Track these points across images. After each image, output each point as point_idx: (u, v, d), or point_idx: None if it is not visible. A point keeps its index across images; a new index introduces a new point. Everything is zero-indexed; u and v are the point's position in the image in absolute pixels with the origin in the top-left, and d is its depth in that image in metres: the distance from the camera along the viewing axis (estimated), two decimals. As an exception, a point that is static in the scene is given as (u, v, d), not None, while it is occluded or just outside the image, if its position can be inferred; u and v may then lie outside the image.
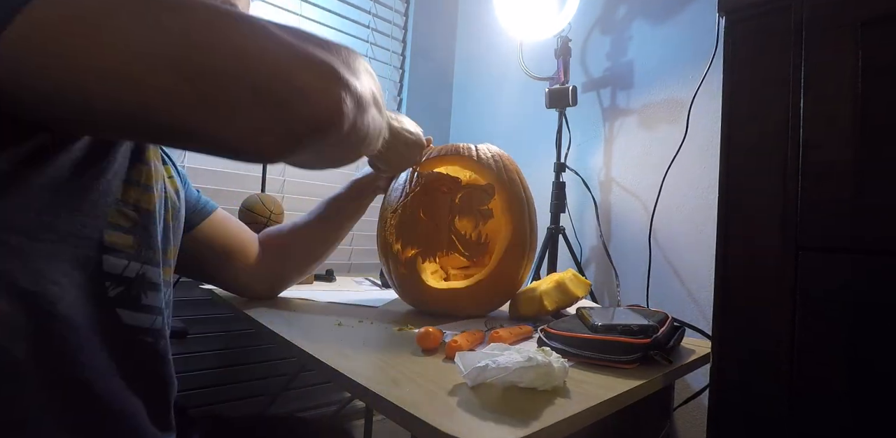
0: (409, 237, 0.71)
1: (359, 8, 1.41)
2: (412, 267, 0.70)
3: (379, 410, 0.38)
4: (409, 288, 0.72)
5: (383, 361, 0.48)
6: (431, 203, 0.71)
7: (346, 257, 1.37)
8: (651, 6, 1.11)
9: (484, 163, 0.71)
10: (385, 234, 0.73)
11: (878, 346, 0.37)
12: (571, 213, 1.20)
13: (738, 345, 0.45)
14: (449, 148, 0.74)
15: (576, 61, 1.23)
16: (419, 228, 0.71)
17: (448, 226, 0.71)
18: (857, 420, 0.38)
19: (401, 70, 1.55)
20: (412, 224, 0.71)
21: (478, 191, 0.71)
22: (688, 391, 0.85)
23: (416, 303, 0.75)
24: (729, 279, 0.46)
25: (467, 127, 1.62)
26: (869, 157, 0.38)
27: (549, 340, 0.53)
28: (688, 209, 1.00)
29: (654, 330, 0.50)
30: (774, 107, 0.43)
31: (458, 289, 0.69)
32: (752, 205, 0.45)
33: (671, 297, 1.01)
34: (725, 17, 0.47)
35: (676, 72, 1.05)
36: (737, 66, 0.47)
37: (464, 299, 0.70)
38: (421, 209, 0.71)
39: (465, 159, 0.72)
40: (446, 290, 0.69)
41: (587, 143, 1.22)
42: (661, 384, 0.48)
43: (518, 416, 0.35)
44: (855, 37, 0.39)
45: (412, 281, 0.70)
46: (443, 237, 0.71)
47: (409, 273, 0.70)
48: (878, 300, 0.37)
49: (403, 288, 0.74)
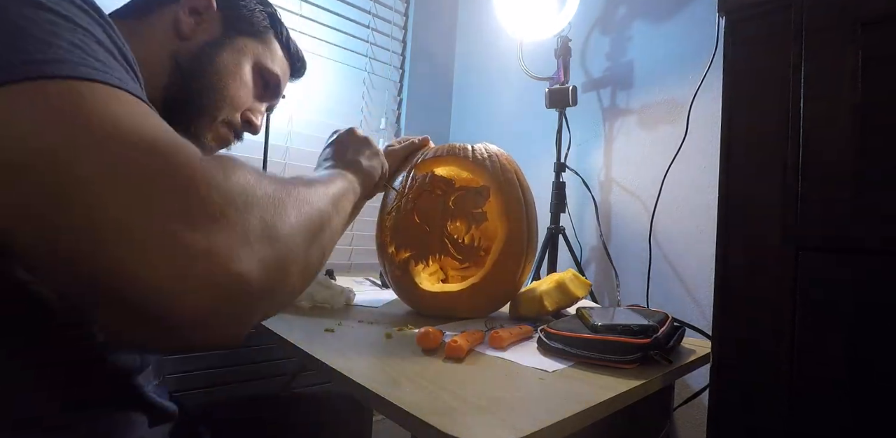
0: (402, 239, 0.71)
1: (359, 8, 1.41)
2: (405, 269, 0.70)
3: (379, 410, 0.38)
4: (404, 290, 0.72)
5: (383, 361, 0.48)
6: (425, 205, 0.70)
7: (346, 257, 1.36)
8: (651, 6, 1.11)
9: (479, 164, 0.70)
10: (381, 236, 0.73)
11: (878, 346, 0.37)
12: (571, 213, 1.20)
13: (738, 345, 0.45)
14: (445, 148, 0.73)
15: (576, 61, 1.23)
16: (412, 231, 0.70)
17: (440, 230, 0.70)
18: (857, 420, 0.38)
19: (401, 70, 1.55)
20: (406, 226, 0.70)
21: (472, 193, 0.69)
22: (688, 391, 0.85)
23: (412, 305, 0.75)
24: (729, 279, 0.46)
25: (467, 127, 1.62)
26: (869, 157, 0.38)
27: (549, 340, 0.53)
28: (688, 209, 1.00)
29: (654, 330, 0.50)
30: (774, 107, 0.43)
31: (451, 292, 0.68)
32: (752, 205, 0.45)
33: (671, 297, 1.01)
34: (725, 17, 0.47)
35: (676, 72, 1.04)
36: (737, 66, 0.47)
37: (459, 301, 0.69)
38: (415, 211, 0.71)
39: (460, 160, 0.71)
40: (440, 293, 0.69)
41: (587, 143, 1.22)
42: (660, 384, 0.48)
43: (518, 416, 0.35)
44: (855, 37, 0.39)
45: (406, 284, 0.70)
46: (435, 240, 0.70)
47: (402, 275, 0.70)
48: (878, 300, 0.37)
49: (398, 289, 0.74)
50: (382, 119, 1.47)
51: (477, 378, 0.44)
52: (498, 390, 0.41)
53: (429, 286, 0.70)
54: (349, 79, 1.40)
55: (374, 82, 1.46)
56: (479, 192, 0.69)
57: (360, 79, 1.42)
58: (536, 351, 0.54)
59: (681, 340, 0.58)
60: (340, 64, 1.37)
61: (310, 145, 1.28)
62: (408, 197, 0.71)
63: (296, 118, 1.25)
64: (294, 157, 1.25)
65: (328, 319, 0.66)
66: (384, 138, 1.47)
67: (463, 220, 0.70)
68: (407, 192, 0.71)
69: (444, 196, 0.70)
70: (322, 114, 1.31)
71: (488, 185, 0.69)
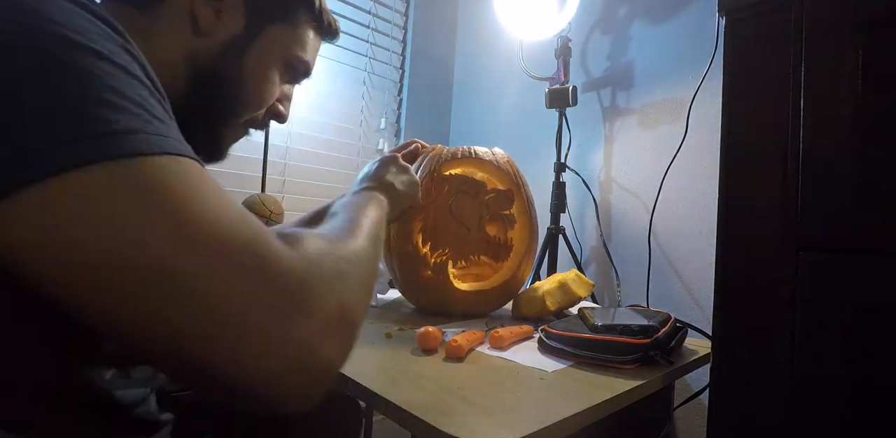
0: (440, 240, 0.71)
1: (359, 8, 1.41)
2: (441, 270, 0.70)
3: (379, 410, 0.38)
4: (434, 291, 0.72)
5: (383, 361, 0.48)
6: (462, 206, 0.72)
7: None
8: (651, 6, 1.11)
9: (503, 169, 0.74)
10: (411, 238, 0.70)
11: (878, 346, 0.37)
12: (571, 213, 1.20)
13: (738, 345, 0.45)
14: (466, 150, 0.74)
15: (576, 61, 1.23)
16: (450, 231, 0.71)
17: (481, 230, 0.72)
18: (857, 420, 0.38)
19: (401, 70, 1.55)
20: (444, 227, 0.71)
21: (502, 195, 0.73)
22: (688, 391, 0.85)
23: (436, 304, 0.74)
24: (729, 279, 0.46)
25: (467, 127, 1.62)
26: (869, 157, 0.38)
27: (549, 340, 0.53)
28: (688, 209, 1.00)
29: (654, 330, 0.50)
30: (774, 107, 0.43)
31: (481, 291, 0.72)
32: (752, 205, 0.45)
33: (671, 297, 1.01)
34: (725, 17, 0.47)
35: (676, 72, 1.04)
36: (737, 66, 0.47)
37: (484, 299, 0.72)
38: (452, 212, 0.72)
39: (486, 163, 0.74)
40: (471, 292, 0.71)
41: (587, 143, 1.22)
42: (660, 384, 0.48)
43: (518, 416, 0.35)
44: (855, 37, 0.39)
45: (439, 285, 0.70)
46: (473, 240, 0.72)
47: (436, 276, 0.70)
48: (878, 300, 0.37)
49: (425, 290, 0.73)
50: (382, 119, 1.47)
51: (477, 378, 0.44)
52: (498, 390, 0.41)
53: (461, 285, 0.72)
54: (349, 79, 1.40)
55: (374, 82, 1.46)
56: (507, 195, 0.73)
57: (360, 79, 1.42)
58: (537, 351, 0.54)
59: (683, 341, 0.58)
60: (340, 64, 1.37)
61: (309, 145, 1.28)
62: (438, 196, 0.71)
63: (296, 118, 1.25)
64: (294, 157, 1.25)
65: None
66: (384, 138, 1.47)
67: (497, 221, 0.74)
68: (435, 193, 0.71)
69: (478, 197, 0.73)
70: (322, 115, 1.31)
71: (511, 189, 0.73)
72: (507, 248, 0.73)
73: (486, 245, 0.72)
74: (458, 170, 0.73)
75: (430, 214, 0.71)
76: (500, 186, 0.73)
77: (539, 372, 0.47)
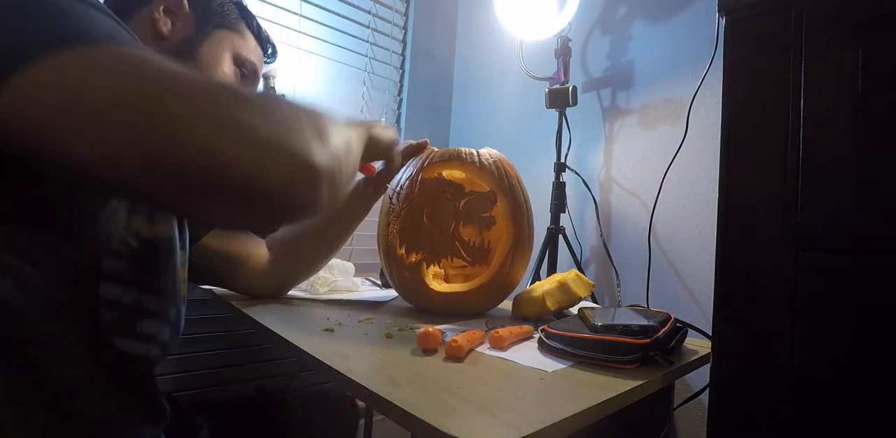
0: (413, 242, 0.72)
1: (359, 8, 1.41)
2: (416, 271, 0.71)
3: (379, 410, 0.38)
4: (412, 290, 0.74)
5: (383, 361, 0.48)
6: (436, 209, 0.72)
7: (346, 257, 1.36)
8: (651, 6, 1.11)
9: (486, 170, 0.72)
10: (389, 238, 0.73)
11: (878, 346, 0.37)
12: (571, 213, 1.20)
13: (738, 345, 0.45)
14: (451, 152, 0.74)
15: (576, 61, 1.23)
16: (423, 234, 0.72)
17: (452, 233, 0.72)
18: (858, 420, 0.38)
19: (401, 70, 1.55)
20: (416, 229, 0.72)
21: (481, 197, 0.72)
22: (688, 391, 0.85)
23: (418, 303, 0.76)
24: (729, 279, 0.46)
25: (467, 127, 1.62)
26: (868, 157, 0.38)
27: (549, 340, 0.53)
28: (688, 209, 1.00)
29: (654, 330, 0.50)
30: (774, 107, 0.43)
31: (459, 293, 0.71)
32: (752, 205, 0.45)
33: (671, 297, 1.01)
34: (725, 17, 0.47)
35: (676, 72, 1.04)
36: (737, 65, 0.47)
37: (464, 300, 0.72)
38: (425, 214, 0.72)
39: (467, 165, 0.73)
40: (448, 293, 0.71)
41: (587, 143, 1.22)
42: (660, 384, 0.48)
43: (518, 416, 0.35)
44: (855, 37, 0.39)
45: (415, 285, 0.72)
46: (447, 243, 0.71)
47: (412, 276, 0.71)
48: (878, 300, 0.37)
49: (406, 289, 0.75)
50: (382, 119, 1.47)
51: (477, 378, 0.44)
52: (498, 390, 0.41)
53: (437, 286, 0.71)
54: (349, 79, 1.40)
55: (374, 82, 1.46)
56: (487, 197, 0.72)
57: (360, 79, 1.42)
58: (537, 351, 0.54)
59: (683, 341, 0.58)
60: (340, 64, 1.37)
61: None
62: (415, 199, 0.71)
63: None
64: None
65: (328, 319, 0.66)
66: (384, 138, 1.47)
67: (473, 224, 0.72)
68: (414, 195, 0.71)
69: (454, 200, 0.72)
70: (322, 114, 1.30)
71: (495, 190, 0.72)
72: (484, 251, 0.72)
73: (459, 248, 0.71)
74: (440, 172, 0.73)
75: (408, 217, 0.72)
76: (483, 187, 0.72)
77: (539, 372, 0.47)
